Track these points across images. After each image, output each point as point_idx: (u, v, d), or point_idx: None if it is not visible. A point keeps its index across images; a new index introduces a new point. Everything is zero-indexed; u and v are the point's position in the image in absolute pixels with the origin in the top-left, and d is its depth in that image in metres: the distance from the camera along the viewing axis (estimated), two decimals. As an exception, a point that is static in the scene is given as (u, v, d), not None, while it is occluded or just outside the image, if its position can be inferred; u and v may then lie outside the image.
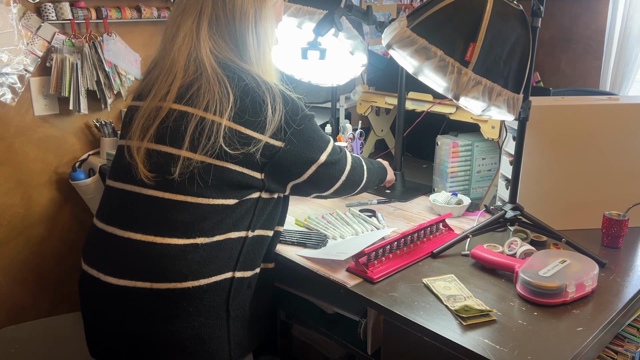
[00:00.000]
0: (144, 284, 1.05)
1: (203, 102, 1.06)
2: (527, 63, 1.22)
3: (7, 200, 1.87)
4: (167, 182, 1.07)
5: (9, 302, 1.93)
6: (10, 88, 1.80)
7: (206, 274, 1.08)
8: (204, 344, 1.10)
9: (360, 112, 2.12)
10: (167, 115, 1.08)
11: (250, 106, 1.07)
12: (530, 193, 1.49)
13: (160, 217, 1.07)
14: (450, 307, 1.11)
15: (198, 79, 1.08)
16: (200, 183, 1.06)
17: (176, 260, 1.06)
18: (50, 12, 1.82)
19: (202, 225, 1.07)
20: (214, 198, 1.08)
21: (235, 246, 1.13)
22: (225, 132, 1.05)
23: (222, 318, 1.12)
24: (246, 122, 1.07)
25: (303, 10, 1.50)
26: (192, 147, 1.05)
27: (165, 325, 1.07)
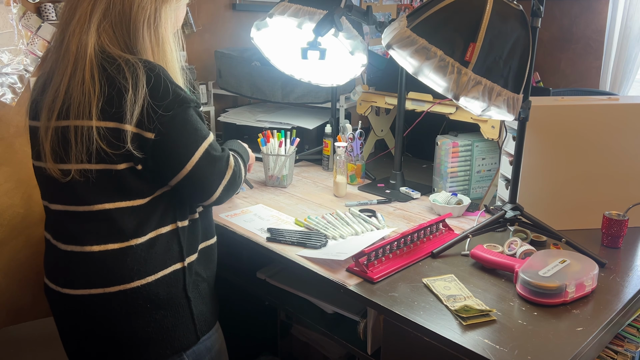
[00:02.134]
0: (97, 290, 1.09)
1: (74, 109, 1.03)
2: (527, 63, 1.22)
3: (7, 200, 1.87)
4: (81, 195, 1.08)
5: (9, 302, 1.93)
6: (11, 88, 1.80)
7: (150, 271, 1.10)
8: (170, 331, 1.14)
9: (360, 112, 2.12)
10: (53, 133, 1.06)
11: (116, 96, 1.01)
12: (530, 193, 1.49)
13: (89, 228, 1.09)
14: (450, 307, 1.11)
15: (73, 77, 1.03)
16: (108, 190, 1.07)
17: (118, 263, 1.08)
18: (50, 12, 1.82)
19: (128, 227, 1.08)
20: (127, 200, 1.08)
21: (172, 239, 1.14)
22: (100, 133, 1.02)
23: (183, 305, 1.15)
24: (112, 115, 1.02)
25: (303, 10, 1.50)
26: (78, 158, 1.04)
27: (128, 324, 1.11)
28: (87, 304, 1.10)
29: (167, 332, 1.13)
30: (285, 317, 2.07)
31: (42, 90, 1.10)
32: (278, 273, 1.68)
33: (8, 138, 1.84)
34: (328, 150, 2.05)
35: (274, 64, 1.77)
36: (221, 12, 2.43)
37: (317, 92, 2.14)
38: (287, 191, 1.84)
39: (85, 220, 1.09)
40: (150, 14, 1.08)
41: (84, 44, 1.04)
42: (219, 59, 2.28)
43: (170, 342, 1.14)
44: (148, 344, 1.12)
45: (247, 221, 1.57)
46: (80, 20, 1.06)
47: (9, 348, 1.60)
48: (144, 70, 1.02)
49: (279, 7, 1.55)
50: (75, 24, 1.06)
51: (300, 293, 1.57)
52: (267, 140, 1.86)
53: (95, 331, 1.12)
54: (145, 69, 1.03)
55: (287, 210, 1.66)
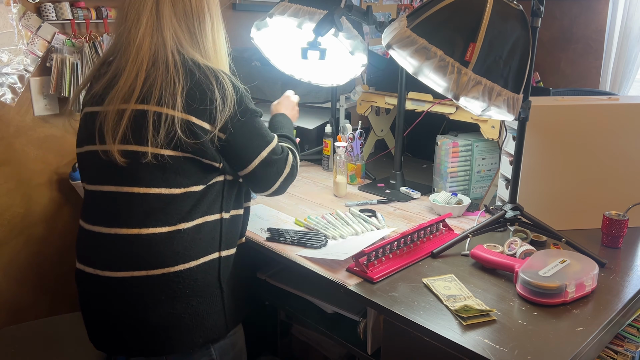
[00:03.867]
0: (140, 273, 1.12)
1: (156, 97, 1.09)
2: (527, 63, 1.22)
3: (7, 200, 1.87)
4: (139, 178, 1.12)
5: (9, 302, 1.93)
6: (10, 88, 1.80)
7: (194, 256, 1.15)
8: (204, 319, 1.18)
9: (360, 112, 2.12)
10: (129, 116, 1.11)
11: (200, 95, 1.11)
12: (530, 193, 1.49)
13: (139, 210, 1.12)
14: (450, 307, 1.11)
15: (154, 71, 1.11)
16: (169, 174, 1.12)
17: (164, 247, 1.12)
18: (50, 12, 1.82)
19: (179, 212, 1.13)
20: (184, 187, 1.14)
21: (215, 228, 1.20)
22: (181, 124, 1.10)
23: (216, 295, 1.20)
24: (197, 112, 1.11)
25: (303, 10, 1.50)
26: (155, 142, 1.10)
27: (166, 308, 1.13)
28: (128, 286, 1.13)
29: (201, 320, 1.17)
30: (285, 317, 2.07)
31: (107, 84, 1.14)
32: (278, 273, 1.68)
33: (8, 138, 1.84)
34: (328, 150, 2.05)
35: (274, 64, 1.77)
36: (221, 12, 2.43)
37: (317, 92, 2.14)
38: (287, 191, 1.84)
39: (138, 203, 1.12)
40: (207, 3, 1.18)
41: (159, 42, 1.12)
42: (219, 59, 2.27)
43: (202, 330, 1.18)
44: (183, 330, 1.16)
45: (247, 221, 1.57)
46: (149, 22, 1.12)
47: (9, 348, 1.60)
48: (229, 80, 1.15)
49: (279, 7, 1.55)
50: (144, 25, 1.12)
51: (300, 293, 1.57)
52: (267, 140, 1.85)
53: (133, 315, 1.14)
54: (229, 79, 1.15)
55: (287, 210, 1.66)
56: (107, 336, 1.20)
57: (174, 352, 1.17)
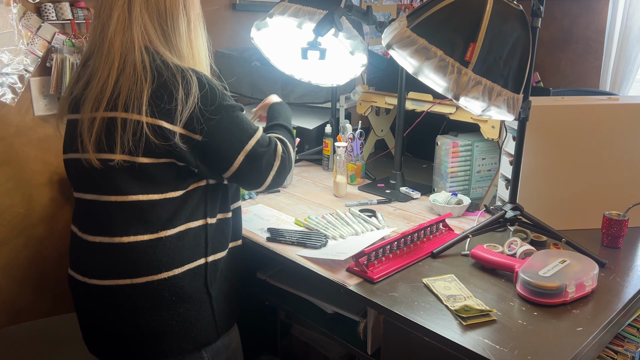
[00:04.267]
0: (125, 281, 1.12)
1: (123, 102, 1.07)
2: (527, 63, 1.22)
3: (7, 200, 1.87)
4: (115, 186, 1.11)
5: (9, 302, 1.93)
6: (11, 88, 1.80)
7: (178, 264, 1.14)
8: (192, 325, 1.17)
9: (360, 112, 2.12)
10: (100, 124, 1.09)
11: (167, 97, 1.06)
12: (530, 193, 1.49)
13: (120, 219, 1.12)
14: (450, 307, 1.11)
15: (123, 73, 1.08)
16: (144, 181, 1.10)
17: (146, 255, 1.11)
18: (50, 12, 1.82)
19: (160, 219, 1.12)
20: (161, 193, 1.11)
21: (199, 234, 1.17)
22: (149, 129, 1.06)
23: (204, 300, 1.18)
24: (161, 113, 1.06)
25: (303, 11, 1.50)
26: (123, 149, 1.07)
27: (152, 316, 1.13)
28: (114, 294, 1.12)
29: (189, 326, 1.16)
30: (285, 317, 2.07)
31: (83, 87, 1.13)
32: (278, 273, 1.68)
33: (8, 138, 1.84)
34: (328, 150, 2.05)
35: (274, 64, 1.77)
36: (221, 12, 2.43)
37: (317, 92, 2.14)
38: (287, 191, 1.84)
39: (117, 211, 1.11)
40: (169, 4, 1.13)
41: (128, 40, 1.09)
42: (219, 59, 2.28)
43: (191, 336, 1.17)
44: (171, 337, 1.15)
45: (247, 221, 1.57)
46: (120, 18, 1.09)
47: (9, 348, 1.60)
48: (195, 77, 1.08)
49: (279, 7, 1.55)
50: (115, 22, 1.09)
51: (300, 293, 1.57)
52: (267, 140, 1.85)
53: (120, 323, 1.14)
54: (196, 76, 1.09)
55: (287, 210, 1.66)
56: (99, 341, 1.21)
57: (165, 358, 1.16)
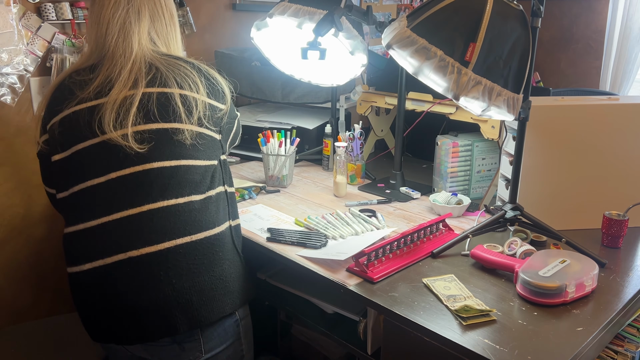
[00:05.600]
0: (184, 239, 1.16)
1: (176, 83, 1.21)
2: (527, 63, 1.22)
3: (7, 200, 1.87)
4: (167, 153, 1.18)
5: (9, 302, 1.93)
6: (10, 88, 1.80)
7: (220, 221, 1.24)
8: (239, 279, 1.26)
9: (360, 112, 2.12)
10: (143, 99, 1.18)
11: (209, 82, 1.27)
12: (530, 193, 1.49)
13: (172, 182, 1.18)
14: (450, 307, 1.11)
15: (156, 67, 1.22)
16: (197, 148, 1.22)
17: (201, 212, 1.20)
18: (50, 12, 1.82)
19: (205, 181, 1.23)
20: (209, 159, 1.25)
21: (224, 198, 1.29)
22: (203, 104, 1.23)
23: (237, 260, 1.28)
24: (212, 94, 1.27)
25: (303, 11, 1.50)
26: (186, 119, 1.20)
27: (210, 272, 1.19)
28: (171, 256, 1.15)
29: (236, 281, 1.25)
30: (285, 317, 2.06)
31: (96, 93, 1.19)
32: (278, 273, 1.68)
33: (8, 138, 1.84)
34: (328, 150, 2.05)
35: (274, 64, 1.77)
36: (221, 12, 2.43)
37: (317, 92, 2.14)
38: (287, 191, 1.84)
39: (168, 175, 1.17)
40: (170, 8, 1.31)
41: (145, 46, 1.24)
42: (219, 59, 2.28)
43: (239, 291, 1.25)
44: (225, 292, 1.21)
45: (247, 221, 1.57)
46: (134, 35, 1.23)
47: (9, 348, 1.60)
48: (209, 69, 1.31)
49: (279, 7, 1.55)
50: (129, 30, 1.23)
51: (300, 293, 1.57)
52: (267, 140, 1.86)
53: (177, 286, 1.14)
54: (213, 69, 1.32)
55: (287, 210, 1.66)
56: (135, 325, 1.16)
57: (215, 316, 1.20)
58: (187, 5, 2.26)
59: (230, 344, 1.26)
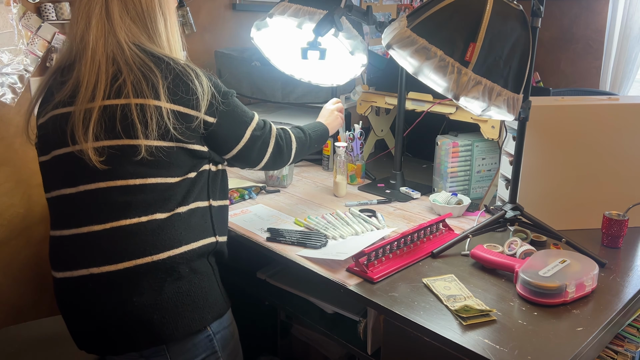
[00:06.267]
0: (144, 260, 1.12)
1: (135, 91, 1.11)
2: (527, 63, 1.22)
3: (7, 200, 1.87)
4: (131, 170, 1.12)
5: (9, 302, 1.93)
6: (11, 88, 1.80)
7: (192, 239, 1.18)
8: (207, 295, 1.20)
9: (360, 112, 2.12)
10: (102, 112, 1.11)
11: (182, 85, 1.15)
12: (530, 193, 1.49)
13: (136, 201, 1.13)
14: (450, 307, 1.11)
15: (121, 70, 1.12)
16: (162, 164, 1.14)
17: (165, 231, 1.14)
18: (50, 12, 1.83)
19: (175, 197, 1.16)
20: (178, 175, 1.17)
21: (206, 213, 1.23)
22: (168, 114, 1.12)
23: (210, 273, 1.23)
24: (181, 101, 1.15)
25: (303, 10, 1.50)
26: (145, 134, 1.11)
27: (174, 289, 1.15)
28: (132, 276, 1.12)
29: (205, 296, 1.19)
30: (285, 317, 2.07)
31: (71, 94, 1.14)
32: (278, 273, 1.68)
33: (8, 138, 1.84)
34: (328, 150, 2.05)
35: (274, 64, 1.77)
36: (221, 12, 2.43)
37: (317, 92, 2.14)
38: (287, 191, 1.84)
39: (132, 193, 1.12)
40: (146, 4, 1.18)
41: (113, 43, 1.13)
42: (219, 59, 2.28)
43: (209, 306, 1.20)
44: (192, 308, 1.17)
45: (247, 221, 1.57)
46: (99, 25, 1.14)
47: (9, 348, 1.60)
48: (197, 68, 1.19)
49: (279, 7, 1.55)
50: (95, 29, 1.14)
51: (300, 293, 1.57)
52: (267, 140, 1.85)
53: (138, 305, 1.12)
54: (197, 68, 1.19)
55: (287, 210, 1.66)
56: (104, 336, 1.17)
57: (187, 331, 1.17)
58: (187, 5, 2.26)
59: (204, 358, 1.21)
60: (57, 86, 1.19)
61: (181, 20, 2.26)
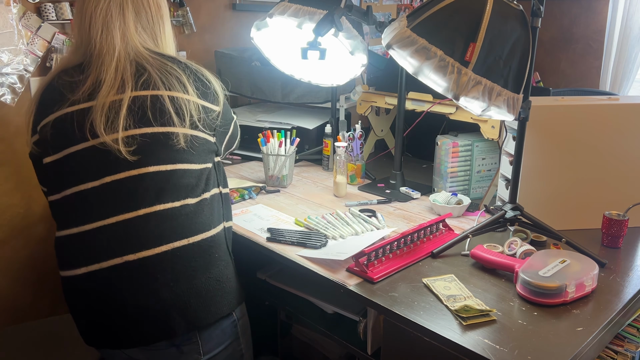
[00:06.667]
0: (181, 242, 1.16)
1: (164, 84, 1.18)
2: (527, 63, 1.22)
3: (7, 200, 1.87)
4: (162, 157, 1.16)
5: (9, 302, 1.93)
6: (10, 88, 1.80)
7: (215, 223, 1.24)
8: (231, 281, 1.25)
9: (360, 112, 2.12)
10: (132, 102, 1.15)
11: (201, 82, 1.24)
12: (530, 193, 1.49)
13: (168, 186, 1.16)
14: (450, 307, 1.11)
15: (144, 67, 1.18)
16: (191, 151, 1.20)
17: (197, 215, 1.19)
18: (50, 12, 1.83)
19: (200, 184, 1.22)
20: (204, 162, 1.23)
21: (219, 200, 1.28)
22: (195, 106, 1.21)
23: (230, 261, 1.28)
24: (204, 95, 1.24)
25: (303, 11, 1.50)
26: (181, 123, 1.18)
27: (207, 274, 1.19)
28: (167, 260, 1.14)
29: (230, 282, 1.24)
30: (285, 317, 2.06)
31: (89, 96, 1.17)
32: (278, 273, 1.68)
33: (8, 138, 1.84)
34: (328, 150, 2.05)
35: (274, 64, 1.77)
36: (221, 12, 2.43)
37: (317, 92, 2.14)
38: (287, 191, 1.84)
39: (165, 179, 1.16)
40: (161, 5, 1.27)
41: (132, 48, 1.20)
42: (219, 59, 2.28)
43: (234, 292, 1.25)
44: (222, 293, 1.21)
45: (247, 221, 1.57)
46: (115, 29, 1.19)
47: (9, 348, 1.60)
48: (201, 68, 1.27)
49: (279, 7, 1.55)
50: (113, 32, 1.19)
51: (300, 293, 1.57)
52: (267, 140, 1.86)
53: (175, 288, 1.14)
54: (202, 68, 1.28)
55: (287, 210, 1.66)
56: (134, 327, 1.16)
57: (217, 317, 1.20)
58: (187, 5, 2.26)
59: (229, 344, 1.26)
60: (67, 86, 1.19)
61: (181, 20, 2.26)
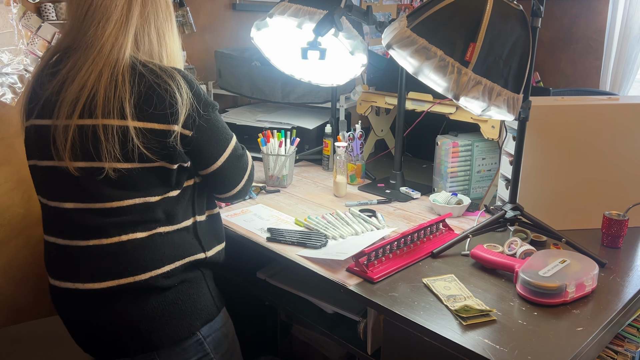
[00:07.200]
0: (127, 280, 1.11)
1: (101, 108, 1.05)
2: (527, 63, 1.22)
3: (7, 200, 1.87)
4: (106, 192, 1.09)
5: (9, 302, 1.93)
6: (10, 88, 1.80)
7: (177, 257, 1.16)
8: (195, 301, 1.19)
9: (360, 112, 2.12)
10: (76, 132, 1.07)
11: (156, 100, 1.06)
12: (530, 193, 1.49)
13: (117, 221, 1.11)
14: (450, 307, 1.11)
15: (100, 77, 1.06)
16: (142, 184, 1.11)
17: (148, 250, 1.12)
18: (50, 12, 1.83)
19: (157, 216, 1.14)
20: (158, 195, 1.13)
21: (190, 231, 1.20)
22: (137, 133, 1.05)
23: (199, 279, 1.22)
24: (153, 116, 1.06)
25: (303, 10, 1.50)
26: (111, 157, 1.06)
27: (160, 298, 1.14)
28: (116, 295, 1.12)
29: (193, 303, 1.18)
30: (285, 317, 2.07)
31: (59, 89, 1.08)
32: (278, 273, 1.68)
33: (8, 138, 1.84)
34: (328, 150, 2.05)
35: (274, 64, 1.77)
36: (221, 12, 2.43)
37: (317, 92, 2.14)
38: (287, 191, 1.84)
39: (110, 215, 1.10)
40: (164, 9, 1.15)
41: (121, 45, 1.08)
42: (219, 59, 2.28)
43: (197, 313, 1.19)
44: (179, 316, 1.16)
45: (247, 221, 1.57)
46: (117, 23, 1.08)
47: (9, 348, 1.60)
48: (181, 76, 1.10)
49: (279, 7, 1.55)
50: (113, 26, 1.08)
51: (300, 293, 1.57)
52: (267, 140, 1.86)
53: (124, 314, 1.13)
54: (181, 75, 1.11)
55: (287, 210, 1.66)
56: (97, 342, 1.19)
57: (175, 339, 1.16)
58: (187, 5, 2.26)
59: None
60: (41, 83, 1.14)
61: (181, 20, 2.26)
